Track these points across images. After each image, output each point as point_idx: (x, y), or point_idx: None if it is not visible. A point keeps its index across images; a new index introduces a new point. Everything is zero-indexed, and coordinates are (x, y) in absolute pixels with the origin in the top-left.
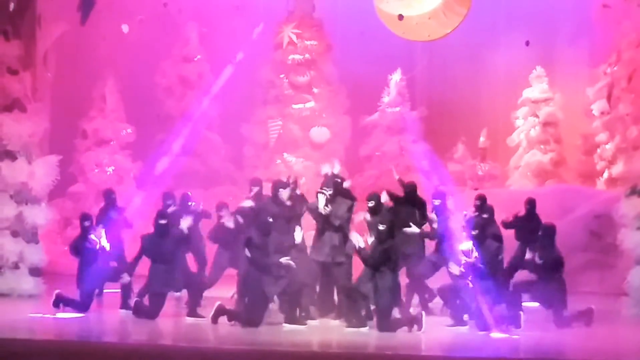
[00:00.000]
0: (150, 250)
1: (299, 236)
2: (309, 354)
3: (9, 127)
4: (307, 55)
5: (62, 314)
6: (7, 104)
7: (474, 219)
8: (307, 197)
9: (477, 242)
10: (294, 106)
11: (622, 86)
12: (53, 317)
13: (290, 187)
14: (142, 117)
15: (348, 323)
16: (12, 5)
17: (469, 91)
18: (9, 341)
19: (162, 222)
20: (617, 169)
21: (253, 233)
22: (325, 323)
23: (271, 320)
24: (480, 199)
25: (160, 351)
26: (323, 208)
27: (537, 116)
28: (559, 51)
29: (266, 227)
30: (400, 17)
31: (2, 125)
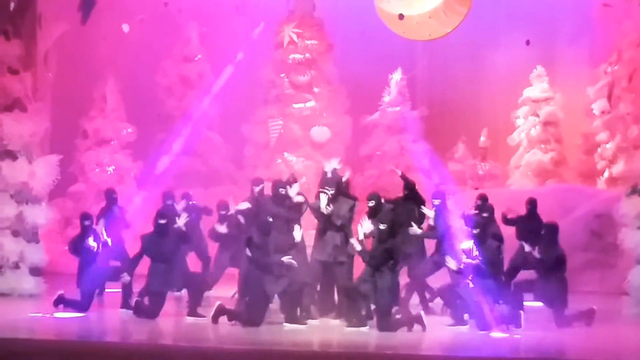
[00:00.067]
0: (150, 250)
1: (298, 235)
2: (310, 354)
3: (9, 126)
4: (307, 55)
5: (61, 314)
6: (7, 103)
7: (474, 218)
8: (307, 197)
9: (478, 241)
10: (295, 106)
11: (623, 85)
12: (54, 317)
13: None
14: (142, 117)
15: (348, 322)
16: (12, 5)
17: (469, 90)
18: (10, 341)
19: (162, 222)
20: (618, 168)
21: (253, 233)
22: (326, 322)
23: (272, 319)
24: (481, 199)
25: (161, 351)
26: (325, 208)
27: (537, 115)
28: (559, 50)
29: (266, 227)
30: (400, 16)
31: (3, 125)
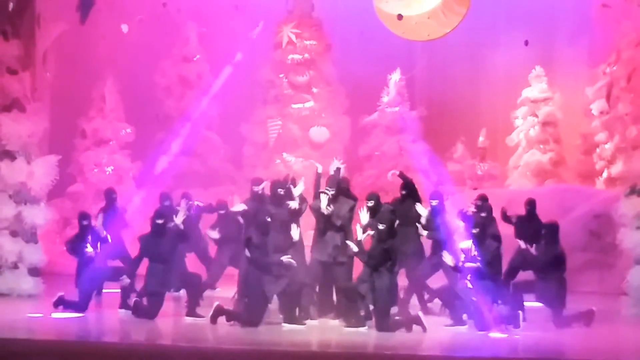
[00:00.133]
0: (148, 250)
1: (296, 234)
2: (308, 354)
3: (8, 127)
4: (306, 55)
5: (59, 314)
6: (6, 103)
7: (472, 217)
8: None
9: (477, 241)
10: (294, 106)
11: (622, 86)
12: (52, 317)
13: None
14: (141, 117)
15: (347, 323)
16: (11, 5)
17: (468, 91)
18: (8, 341)
19: (159, 222)
20: (617, 168)
21: (252, 233)
22: (325, 323)
23: (270, 320)
24: (481, 199)
25: (160, 351)
26: (325, 208)
27: (536, 116)
28: (558, 51)
29: (265, 227)
30: (399, 16)
31: (1, 125)
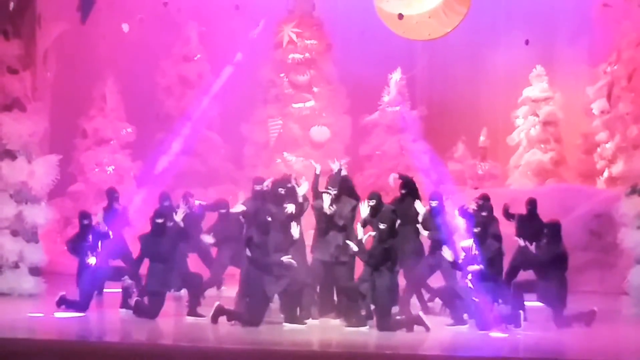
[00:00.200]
0: (148, 250)
1: (296, 232)
2: (309, 354)
3: (8, 126)
4: (307, 55)
5: (60, 314)
6: (7, 103)
7: (473, 215)
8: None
9: (478, 240)
10: (294, 105)
11: (622, 85)
12: (53, 317)
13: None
14: (142, 117)
15: (348, 322)
16: (12, 5)
17: (469, 90)
18: (9, 341)
19: (159, 221)
20: (617, 168)
21: (253, 232)
22: (326, 322)
23: (271, 319)
24: (482, 198)
25: (161, 351)
26: (328, 208)
27: (537, 115)
28: (559, 50)
29: (265, 227)
30: (400, 16)
31: (2, 125)
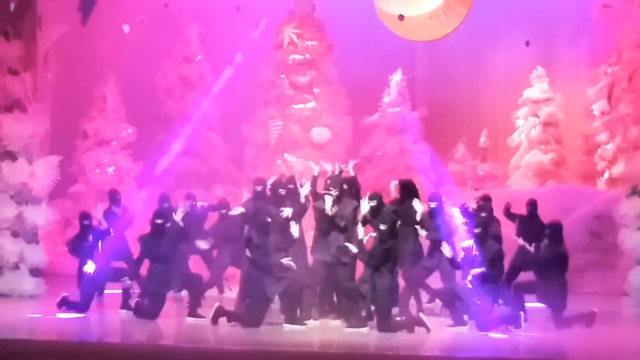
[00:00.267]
0: (148, 251)
1: (295, 231)
2: (310, 355)
3: (9, 127)
4: (307, 56)
5: (61, 314)
6: (7, 104)
7: (473, 216)
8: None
9: (479, 241)
10: (295, 106)
11: (623, 86)
12: (53, 318)
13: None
14: (142, 118)
15: (348, 323)
16: (12, 6)
17: (469, 91)
18: (9, 341)
19: (158, 222)
20: (618, 169)
21: (252, 233)
22: (326, 323)
23: (272, 320)
24: (484, 198)
25: (161, 351)
26: (330, 209)
27: (537, 116)
28: (559, 51)
29: (265, 227)
30: (400, 17)
31: (3, 126)
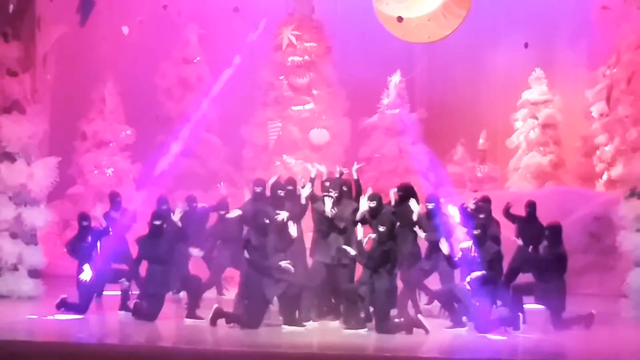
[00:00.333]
0: (146, 252)
1: (293, 231)
2: (308, 356)
3: (8, 128)
4: (306, 57)
5: (59, 316)
6: (6, 105)
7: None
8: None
9: (478, 243)
10: (294, 108)
11: (622, 88)
12: (52, 319)
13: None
14: (141, 119)
15: (347, 325)
16: (11, 7)
17: (468, 93)
18: (8, 343)
19: (157, 223)
20: (617, 171)
21: (251, 234)
22: (324, 325)
23: (270, 321)
24: (483, 200)
25: (160, 353)
26: (330, 211)
27: (536, 118)
28: (558, 53)
29: (264, 229)
30: (399, 19)
31: (2, 127)
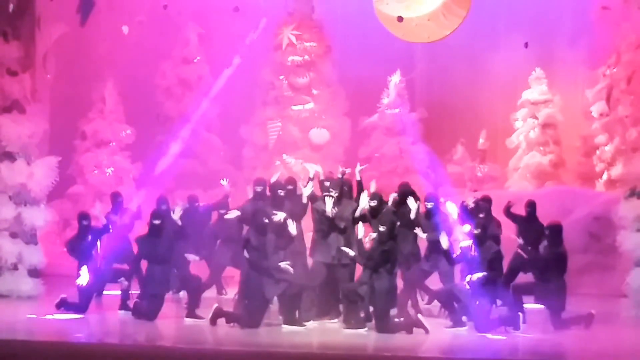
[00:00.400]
0: (146, 251)
1: (293, 229)
2: (308, 356)
3: (8, 128)
4: (306, 57)
5: (59, 315)
6: (6, 105)
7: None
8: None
9: (478, 242)
10: (294, 107)
11: (622, 88)
12: (52, 319)
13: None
14: (141, 119)
15: (347, 324)
16: (11, 7)
17: (468, 93)
18: (8, 342)
19: (156, 222)
20: (616, 170)
21: (251, 234)
22: (324, 324)
23: (270, 321)
24: (483, 199)
25: (160, 352)
26: (330, 211)
27: (536, 118)
28: (558, 53)
29: (263, 228)
30: (399, 18)
31: (2, 127)
